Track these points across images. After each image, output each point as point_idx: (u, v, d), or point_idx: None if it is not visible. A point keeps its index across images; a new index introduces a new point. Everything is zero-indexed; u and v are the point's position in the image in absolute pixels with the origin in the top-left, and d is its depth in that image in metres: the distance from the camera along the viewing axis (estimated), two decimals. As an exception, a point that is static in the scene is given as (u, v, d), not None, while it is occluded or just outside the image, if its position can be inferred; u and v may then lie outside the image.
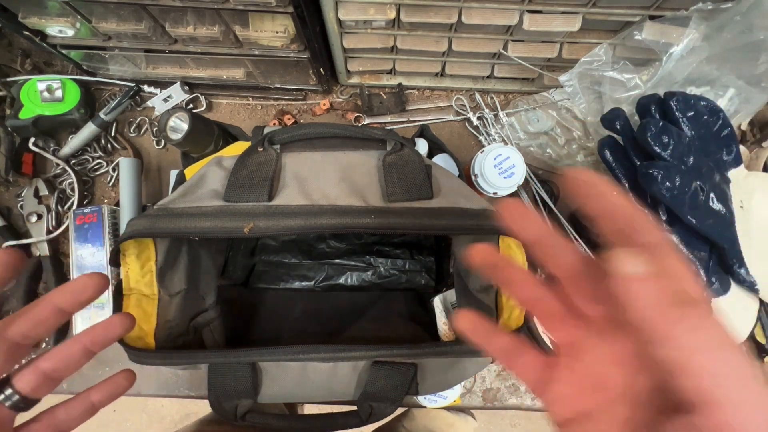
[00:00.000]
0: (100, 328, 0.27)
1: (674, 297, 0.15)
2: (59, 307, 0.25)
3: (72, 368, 0.26)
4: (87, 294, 0.25)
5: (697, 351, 0.15)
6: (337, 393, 0.38)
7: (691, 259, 0.48)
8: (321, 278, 0.57)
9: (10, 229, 0.58)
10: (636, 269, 0.16)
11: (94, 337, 0.27)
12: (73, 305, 0.25)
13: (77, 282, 0.25)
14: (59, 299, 0.25)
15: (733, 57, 0.50)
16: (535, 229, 0.20)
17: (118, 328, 0.27)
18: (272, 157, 0.39)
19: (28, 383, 0.25)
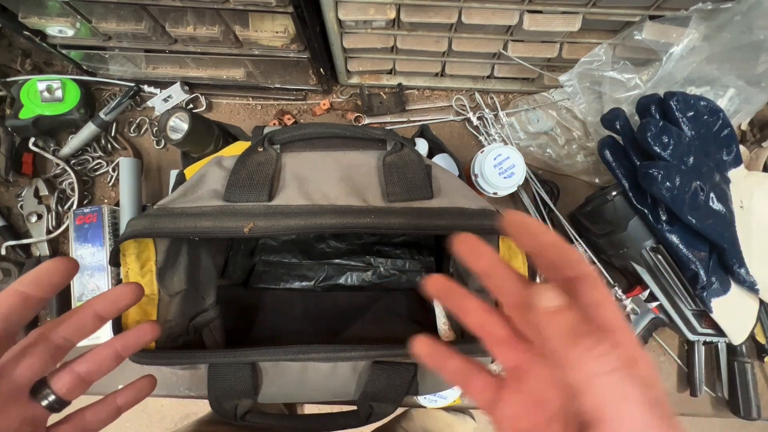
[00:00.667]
0: (132, 334, 0.29)
1: (577, 328, 0.17)
2: (99, 314, 0.26)
3: (104, 371, 0.28)
4: (125, 302, 0.26)
5: (592, 375, 0.17)
6: (337, 393, 0.38)
7: (691, 258, 0.48)
8: (321, 278, 0.57)
9: (10, 229, 0.58)
10: (549, 303, 0.18)
11: (126, 342, 0.28)
12: (110, 312, 0.26)
13: (116, 291, 0.26)
14: (99, 307, 0.26)
15: (733, 57, 0.49)
16: (486, 261, 0.22)
17: (149, 335, 0.29)
18: (272, 157, 0.39)
19: (64, 385, 0.26)
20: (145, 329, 0.29)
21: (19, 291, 0.23)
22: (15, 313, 0.23)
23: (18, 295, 0.23)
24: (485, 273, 0.22)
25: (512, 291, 0.21)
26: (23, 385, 0.25)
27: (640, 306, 0.53)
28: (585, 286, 0.19)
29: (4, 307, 0.23)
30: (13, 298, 0.23)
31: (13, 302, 0.23)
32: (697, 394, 0.54)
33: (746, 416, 0.53)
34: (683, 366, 0.57)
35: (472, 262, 0.22)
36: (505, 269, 0.22)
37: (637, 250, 0.51)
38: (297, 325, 0.52)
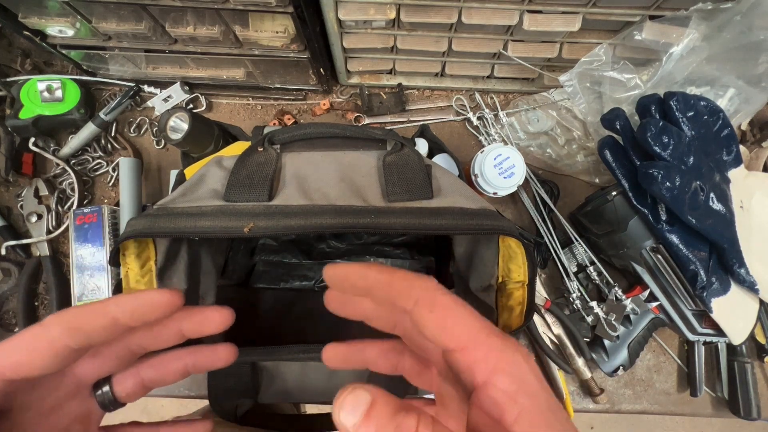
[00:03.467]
0: (206, 353, 0.27)
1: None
2: (183, 333, 0.25)
3: (167, 382, 0.26)
4: (211, 328, 0.25)
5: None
6: (337, 393, 0.38)
7: (691, 258, 0.48)
8: (321, 278, 0.57)
9: (10, 229, 0.58)
10: (348, 420, 0.16)
11: (197, 360, 0.27)
12: (194, 333, 0.25)
13: (205, 312, 0.25)
14: (185, 326, 0.25)
15: (733, 57, 0.49)
16: (360, 309, 0.23)
17: (223, 360, 0.27)
18: (272, 157, 0.39)
19: (125, 388, 0.25)
20: (222, 352, 0.27)
21: (112, 314, 0.21)
22: (98, 333, 0.21)
23: (110, 319, 0.21)
24: (366, 308, 0.22)
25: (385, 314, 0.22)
26: (88, 383, 0.25)
27: (640, 306, 0.53)
28: (421, 311, 0.18)
29: (91, 324, 0.21)
30: (103, 320, 0.21)
31: (101, 323, 0.21)
32: (697, 394, 0.54)
33: (746, 416, 0.53)
34: (683, 366, 0.57)
35: (351, 291, 0.21)
36: (387, 290, 0.20)
37: (637, 250, 0.51)
38: (297, 325, 0.52)
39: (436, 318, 0.18)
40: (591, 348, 0.54)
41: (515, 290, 0.38)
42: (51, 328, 0.21)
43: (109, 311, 0.21)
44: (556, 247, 0.55)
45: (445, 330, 0.17)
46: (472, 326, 0.17)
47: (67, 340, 0.20)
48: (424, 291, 0.18)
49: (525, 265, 0.38)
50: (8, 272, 0.58)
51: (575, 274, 0.56)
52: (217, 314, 0.25)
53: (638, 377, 0.57)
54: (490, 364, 0.17)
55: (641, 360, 0.57)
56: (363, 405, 0.16)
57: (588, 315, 0.54)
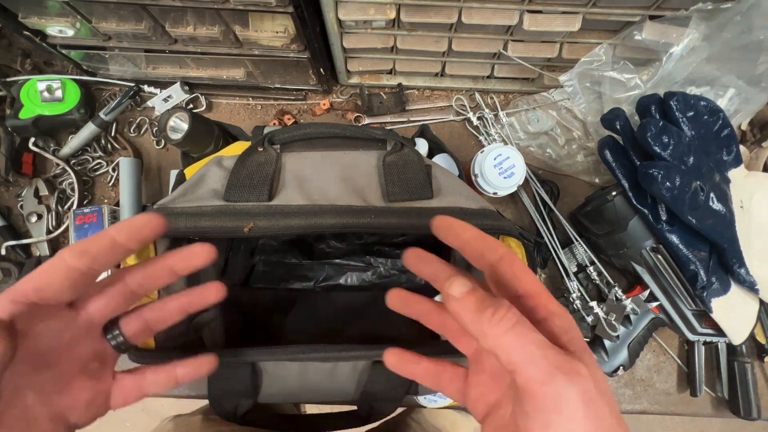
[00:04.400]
0: (198, 290, 0.29)
1: (480, 305, 0.21)
2: (173, 269, 0.27)
3: (168, 322, 0.29)
4: (197, 261, 0.27)
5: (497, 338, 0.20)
6: (337, 393, 0.38)
7: (691, 258, 0.48)
8: (321, 278, 0.57)
9: (10, 229, 0.58)
10: (456, 291, 0.21)
11: (191, 299, 0.29)
12: (184, 269, 0.28)
13: (191, 249, 0.27)
14: (173, 261, 0.27)
15: (733, 57, 0.50)
16: (462, 238, 0.25)
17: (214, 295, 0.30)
18: (272, 157, 0.39)
19: (131, 328, 0.28)
20: (211, 289, 0.30)
21: (111, 236, 0.24)
22: (102, 255, 0.24)
23: (109, 240, 0.24)
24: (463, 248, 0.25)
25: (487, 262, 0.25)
26: (98, 322, 0.27)
27: (640, 306, 0.53)
28: (504, 265, 0.23)
29: (95, 247, 0.24)
30: (105, 241, 0.24)
31: (104, 244, 0.24)
32: (697, 394, 0.54)
33: (746, 416, 0.53)
34: (683, 366, 0.57)
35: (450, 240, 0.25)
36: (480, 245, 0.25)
37: (637, 250, 0.51)
38: (297, 325, 0.52)
39: (517, 270, 0.23)
40: (591, 348, 0.54)
41: (515, 290, 0.38)
42: (63, 255, 0.24)
43: (107, 233, 0.24)
44: (556, 247, 0.55)
45: (521, 280, 0.23)
46: (537, 282, 0.23)
47: (76, 262, 0.23)
48: (507, 251, 0.24)
49: (525, 263, 0.38)
50: (8, 272, 0.58)
51: (575, 274, 0.56)
52: (200, 248, 0.27)
53: (638, 377, 0.57)
54: (551, 308, 0.22)
55: (641, 360, 0.57)
56: (468, 285, 0.21)
57: (588, 315, 0.54)
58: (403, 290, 0.29)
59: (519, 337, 0.20)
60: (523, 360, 0.20)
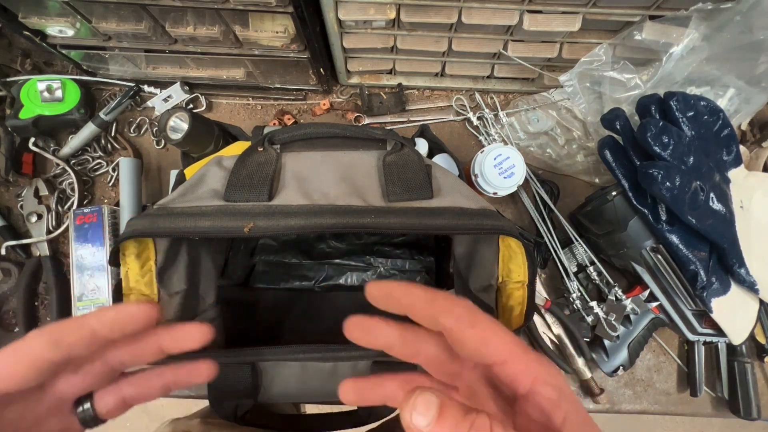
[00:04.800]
0: (185, 370, 0.27)
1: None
2: (162, 349, 0.25)
3: (148, 399, 0.27)
4: (191, 344, 0.25)
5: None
6: (337, 393, 0.38)
7: (691, 258, 0.48)
8: (321, 278, 0.57)
9: (10, 229, 0.58)
10: (423, 421, 0.16)
11: (177, 377, 0.27)
12: (174, 349, 0.25)
13: (186, 328, 0.25)
14: (165, 343, 0.25)
15: (733, 57, 0.49)
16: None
17: (204, 375, 0.27)
18: (272, 157, 0.39)
19: (106, 404, 0.25)
20: (202, 368, 0.27)
21: (92, 328, 0.22)
22: (77, 347, 0.22)
23: (89, 332, 0.22)
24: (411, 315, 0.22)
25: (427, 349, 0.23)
26: (69, 399, 0.25)
27: (640, 306, 0.53)
28: (463, 329, 0.19)
29: (71, 338, 0.22)
30: (83, 333, 0.22)
31: (81, 337, 0.22)
32: (697, 394, 0.54)
33: (746, 416, 0.53)
34: (683, 366, 0.57)
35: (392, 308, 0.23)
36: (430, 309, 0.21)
37: (637, 250, 0.51)
38: (297, 325, 0.52)
39: (478, 334, 0.19)
40: (591, 348, 0.54)
41: (515, 290, 0.38)
42: (32, 342, 0.21)
43: (87, 323, 0.22)
44: (556, 247, 0.55)
45: (486, 345, 0.19)
46: (510, 342, 0.19)
47: (47, 353, 0.21)
48: (465, 309, 0.20)
49: (525, 265, 0.38)
50: (8, 272, 0.58)
51: (575, 274, 0.56)
52: (197, 330, 0.25)
53: (638, 377, 0.57)
54: (531, 376, 0.18)
55: (641, 360, 0.57)
56: (434, 406, 0.16)
57: (588, 315, 0.54)
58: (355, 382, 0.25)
59: (504, 341, 0.18)
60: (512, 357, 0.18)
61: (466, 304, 0.20)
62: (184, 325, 0.25)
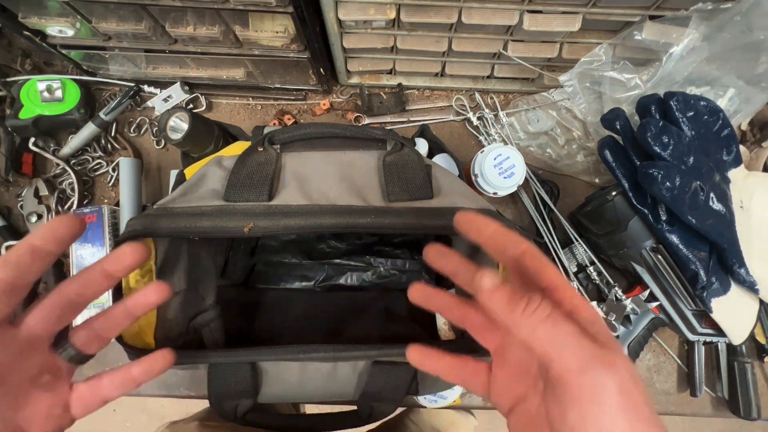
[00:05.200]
0: (140, 293, 0.29)
1: (512, 297, 0.21)
2: (106, 271, 0.27)
3: (118, 328, 0.29)
4: (128, 260, 0.27)
5: (531, 329, 0.21)
6: (337, 393, 0.38)
7: (691, 258, 0.48)
8: (321, 278, 0.57)
9: (10, 229, 0.58)
10: (487, 284, 0.22)
11: (135, 301, 0.29)
12: (117, 270, 0.27)
13: (121, 249, 0.27)
14: (107, 264, 0.27)
15: (733, 57, 0.50)
16: (486, 232, 0.26)
17: (154, 295, 0.29)
18: (272, 157, 0.39)
19: (80, 338, 0.28)
20: (151, 289, 0.29)
21: (29, 243, 0.25)
22: (24, 262, 0.25)
23: (28, 246, 0.25)
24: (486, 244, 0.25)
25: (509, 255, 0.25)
26: (40, 335, 0.27)
27: (640, 306, 0.53)
28: (526, 259, 0.24)
29: (15, 256, 0.25)
30: (23, 248, 0.25)
31: (23, 252, 0.25)
32: (697, 394, 0.54)
33: (746, 416, 0.53)
34: (683, 366, 0.57)
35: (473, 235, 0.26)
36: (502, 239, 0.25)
37: (637, 250, 0.51)
38: (297, 325, 0.52)
39: (540, 264, 0.24)
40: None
41: (515, 290, 0.38)
42: None
43: (25, 241, 0.25)
44: (556, 247, 0.55)
45: (544, 273, 0.24)
46: (560, 275, 0.24)
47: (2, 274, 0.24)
48: (529, 246, 0.24)
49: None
50: (8, 272, 0.58)
51: (575, 274, 0.56)
52: (129, 247, 0.27)
53: (638, 377, 0.57)
54: (575, 301, 0.23)
55: (641, 360, 0.57)
56: (499, 276, 0.22)
57: (588, 315, 0.54)
58: (424, 284, 0.30)
59: (553, 328, 0.20)
60: (558, 350, 0.20)
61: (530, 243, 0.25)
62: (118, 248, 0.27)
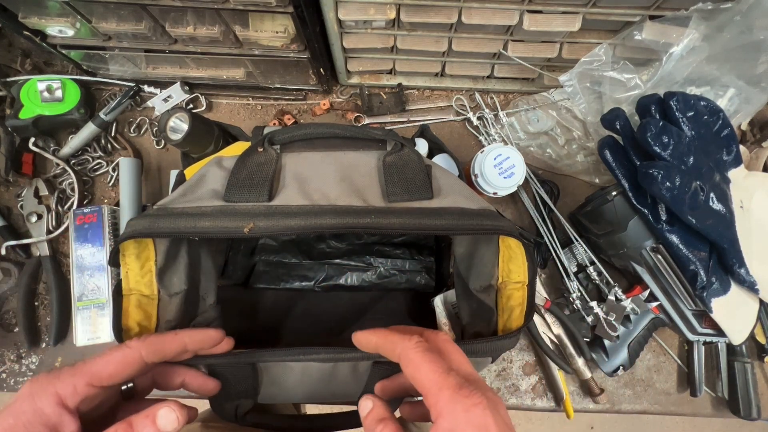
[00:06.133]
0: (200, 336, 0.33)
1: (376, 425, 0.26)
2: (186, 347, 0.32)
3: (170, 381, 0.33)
4: (209, 344, 0.33)
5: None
6: (337, 393, 0.38)
7: (691, 258, 0.48)
8: (321, 278, 0.57)
9: (10, 229, 0.58)
10: (363, 410, 0.29)
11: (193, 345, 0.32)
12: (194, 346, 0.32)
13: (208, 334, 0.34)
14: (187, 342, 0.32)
15: (733, 57, 0.49)
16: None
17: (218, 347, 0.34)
18: (272, 158, 0.39)
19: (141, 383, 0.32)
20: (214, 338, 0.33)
21: (184, 342, 0.29)
22: (171, 356, 0.30)
23: (181, 345, 0.29)
24: (380, 353, 0.30)
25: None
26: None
27: (640, 306, 0.53)
28: (402, 365, 0.27)
29: (170, 350, 0.29)
30: (177, 346, 0.29)
31: (175, 349, 0.29)
32: (697, 394, 0.54)
33: (746, 416, 0.53)
34: (683, 366, 0.57)
35: (365, 350, 0.32)
36: (384, 350, 0.30)
37: (637, 250, 0.51)
38: (297, 325, 0.52)
39: (412, 371, 0.26)
40: (591, 348, 0.54)
41: (515, 291, 0.38)
42: (138, 350, 0.27)
43: (181, 340, 0.29)
44: (556, 247, 0.55)
45: (414, 379, 0.26)
46: (431, 380, 0.25)
47: (149, 358, 0.27)
48: (403, 350, 0.27)
49: (525, 265, 0.38)
50: (8, 272, 0.58)
51: (575, 274, 0.56)
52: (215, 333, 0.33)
53: (638, 377, 0.57)
54: (438, 409, 0.24)
55: (641, 360, 0.57)
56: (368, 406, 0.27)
57: (588, 315, 0.54)
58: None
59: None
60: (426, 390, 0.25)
61: (405, 345, 0.27)
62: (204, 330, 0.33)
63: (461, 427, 0.22)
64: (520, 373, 0.57)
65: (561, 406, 0.55)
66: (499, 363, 0.57)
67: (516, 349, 0.58)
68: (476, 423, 0.22)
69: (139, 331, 0.36)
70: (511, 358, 0.57)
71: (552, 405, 0.56)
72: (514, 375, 0.57)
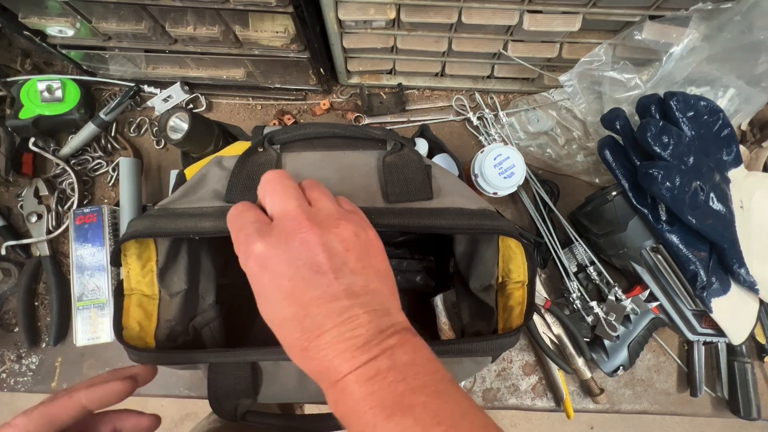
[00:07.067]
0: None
1: None
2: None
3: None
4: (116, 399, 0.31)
5: None
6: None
7: (691, 258, 0.48)
8: (321, 278, 0.57)
9: (10, 229, 0.58)
10: None
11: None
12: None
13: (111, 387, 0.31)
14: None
15: (733, 57, 0.49)
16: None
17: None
18: (272, 157, 0.39)
19: None
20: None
21: (82, 404, 0.28)
22: (68, 422, 0.28)
23: (80, 408, 0.28)
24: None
25: None
26: None
27: (640, 306, 0.53)
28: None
29: (63, 416, 0.28)
30: (73, 409, 0.28)
31: (72, 415, 0.28)
32: (697, 394, 0.54)
33: (746, 416, 0.53)
34: (683, 366, 0.57)
35: None
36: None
37: (637, 250, 0.51)
38: (297, 325, 0.52)
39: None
40: (591, 348, 0.54)
41: (515, 290, 0.38)
42: (24, 428, 0.26)
43: (78, 402, 0.28)
44: (556, 247, 0.55)
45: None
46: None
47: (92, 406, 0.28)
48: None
49: (525, 265, 0.38)
50: (8, 272, 0.58)
51: (575, 274, 0.56)
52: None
53: (638, 377, 0.57)
54: None
55: (641, 360, 0.57)
56: None
57: (588, 315, 0.54)
58: None
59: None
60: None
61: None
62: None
63: None
64: (520, 373, 0.57)
65: (561, 406, 0.55)
66: (499, 363, 0.57)
67: (516, 349, 0.58)
68: None
69: (139, 330, 0.36)
70: (511, 358, 0.58)
71: (552, 405, 0.56)
72: (514, 375, 0.57)
